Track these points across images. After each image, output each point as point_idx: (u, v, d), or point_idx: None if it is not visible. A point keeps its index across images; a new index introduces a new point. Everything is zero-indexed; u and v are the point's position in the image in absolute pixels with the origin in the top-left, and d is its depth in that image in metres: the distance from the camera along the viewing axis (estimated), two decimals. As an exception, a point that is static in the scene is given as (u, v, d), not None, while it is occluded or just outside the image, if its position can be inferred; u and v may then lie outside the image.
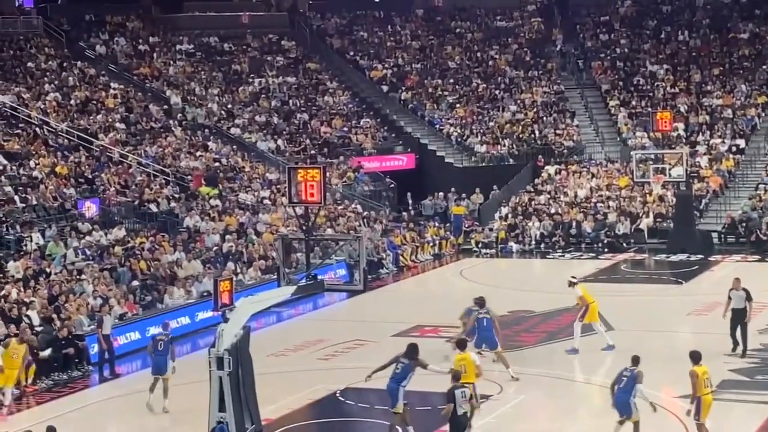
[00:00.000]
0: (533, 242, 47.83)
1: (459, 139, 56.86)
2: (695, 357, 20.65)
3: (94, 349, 29.42)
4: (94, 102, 49.15)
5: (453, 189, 52.51)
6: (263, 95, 57.66)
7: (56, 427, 19.19)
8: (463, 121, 58.19)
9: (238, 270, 37.28)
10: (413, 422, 21.64)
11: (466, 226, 49.77)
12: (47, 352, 28.43)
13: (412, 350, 21.86)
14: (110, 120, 47.90)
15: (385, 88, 60.89)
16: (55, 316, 29.91)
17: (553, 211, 49.45)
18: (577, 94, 61.13)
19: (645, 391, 20.53)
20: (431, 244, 47.03)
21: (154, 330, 31.65)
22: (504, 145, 55.77)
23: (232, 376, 19.27)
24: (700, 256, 43.67)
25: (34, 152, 42.30)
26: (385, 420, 22.00)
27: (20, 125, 44.48)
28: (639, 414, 20.33)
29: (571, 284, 28.85)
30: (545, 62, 63.22)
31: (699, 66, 60.11)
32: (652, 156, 47.97)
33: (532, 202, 50.79)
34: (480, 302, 26.72)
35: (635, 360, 20.80)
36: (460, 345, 22.74)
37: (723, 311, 28.04)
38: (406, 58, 63.81)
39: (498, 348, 26.14)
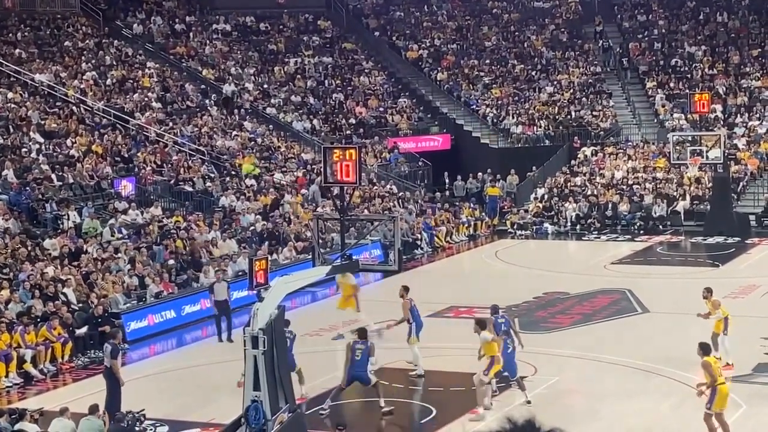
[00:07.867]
0: (569, 224, 47.67)
1: (495, 120, 56.68)
2: (706, 348, 20.71)
3: (130, 327, 29.64)
4: (131, 81, 49.27)
5: (489, 170, 52.40)
6: (299, 75, 57.60)
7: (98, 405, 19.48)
8: (499, 102, 57.99)
9: (273, 249, 37.38)
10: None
11: (502, 207, 49.65)
12: (83, 330, 28.65)
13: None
14: (146, 99, 48.02)
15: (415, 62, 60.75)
16: (92, 294, 30.09)
17: (589, 192, 49.26)
18: (614, 75, 60.81)
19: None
20: (466, 225, 46.96)
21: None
22: (540, 127, 55.55)
23: (266, 355, 19.33)
24: (736, 238, 43.43)
25: (71, 131, 42.50)
26: (419, 400, 21.94)
27: (57, 104, 44.66)
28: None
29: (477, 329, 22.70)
30: (582, 43, 62.88)
31: (737, 47, 59.62)
32: (690, 138, 47.60)
33: (568, 184, 50.58)
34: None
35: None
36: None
37: None
38: (442, 39, 63.64)
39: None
